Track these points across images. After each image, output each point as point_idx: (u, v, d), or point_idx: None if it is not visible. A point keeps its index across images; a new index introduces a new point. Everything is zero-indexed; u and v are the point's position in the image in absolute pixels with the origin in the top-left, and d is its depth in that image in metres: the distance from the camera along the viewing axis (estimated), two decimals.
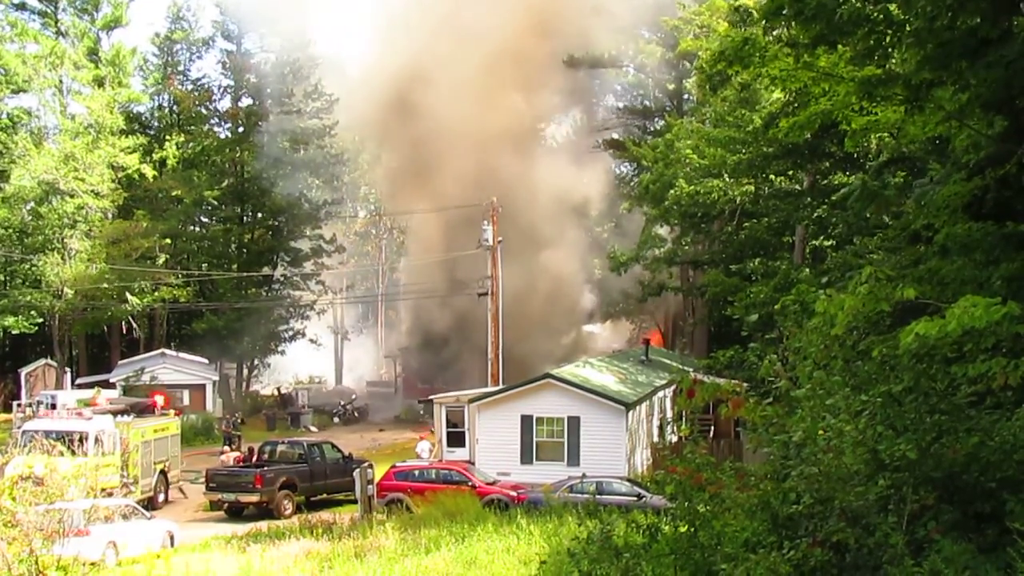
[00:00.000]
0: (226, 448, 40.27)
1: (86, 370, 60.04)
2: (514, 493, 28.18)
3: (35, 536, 18.72)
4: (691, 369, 34.36)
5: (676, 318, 60.63)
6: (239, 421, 47.21)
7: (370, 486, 28.79)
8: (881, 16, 12.92)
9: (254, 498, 30.49)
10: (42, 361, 58.53)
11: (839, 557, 8.91)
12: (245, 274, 60.78)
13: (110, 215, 59.15)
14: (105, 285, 54.40)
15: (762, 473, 10.30)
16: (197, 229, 67.71)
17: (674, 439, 29.53)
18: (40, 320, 57.87)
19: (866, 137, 19.08)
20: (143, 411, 34.28)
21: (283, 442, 35.75)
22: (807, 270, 30.07)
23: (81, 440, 28.68)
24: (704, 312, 48.56)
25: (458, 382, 48.62)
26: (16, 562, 18.35)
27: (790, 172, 36.29)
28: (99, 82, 61.16)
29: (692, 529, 10.02)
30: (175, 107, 66.58)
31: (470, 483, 29.00)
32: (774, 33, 15.91)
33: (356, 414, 59.77)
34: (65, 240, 55.47)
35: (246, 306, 59.77)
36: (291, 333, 64.89)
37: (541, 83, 59.62)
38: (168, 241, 59.42)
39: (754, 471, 10.49)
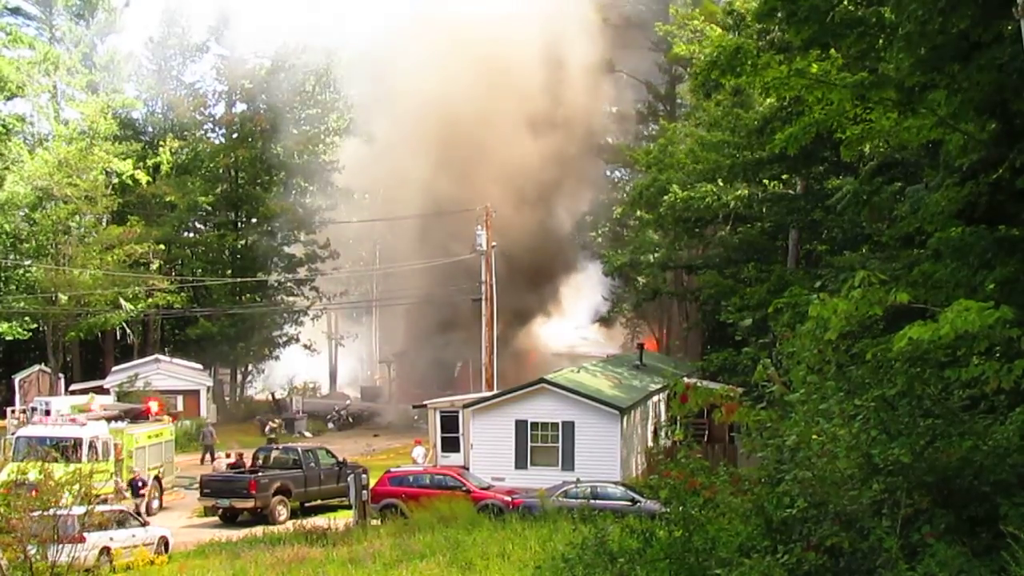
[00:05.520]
0: (219, 455, 40.19)
1: (80, 376, 59.76)
2: (509, 498, 28.11)
3: (29, 542, 18.69)
4: (685, 374, 34.48)
5: (671, 323, 60.69)
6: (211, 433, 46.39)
7: (364, 491, 28.74)
8: (873, 19, 12.97)
9: (248, 504, 30.43)
10: (36, 367, 58.14)
11: (833, 561, 8.91)
12: (239, 279, 60.71)
13: (104, 221, 59.01)
14: (99, 291, 54.25)
15: (756, 477, 10.29)
16: (191, 235, 67.57)
17: (668, 444, 29.51)
18: (34, 326, 57.66)
19: (861, 145, 19.03)
20: (137, 417, 34.25)
21: (277, 448, 35.69)
22: (801, 274, 30.08)
23: (75, 446, 28.63)
24: (698, 317, 48.56)
25: (452, 387, 48.57)
26: (11, 568, 18.32)
27: (784, 176, 36.29)
28: (93, 88, 61.09)
29: (686, 534, 10.02)
30: (169, 112, 66.51)
31: (465, 488, 28.94)
32: (767, 38, 15.93)
33: (350, 419, 59.60)
34: (59, 246, 55.34)
35: (240, 312, 59.70)
36: (285, 339, 64.78)
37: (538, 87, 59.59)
38: (162, 247, 59.23)
39: (748, 475, 10.48)
